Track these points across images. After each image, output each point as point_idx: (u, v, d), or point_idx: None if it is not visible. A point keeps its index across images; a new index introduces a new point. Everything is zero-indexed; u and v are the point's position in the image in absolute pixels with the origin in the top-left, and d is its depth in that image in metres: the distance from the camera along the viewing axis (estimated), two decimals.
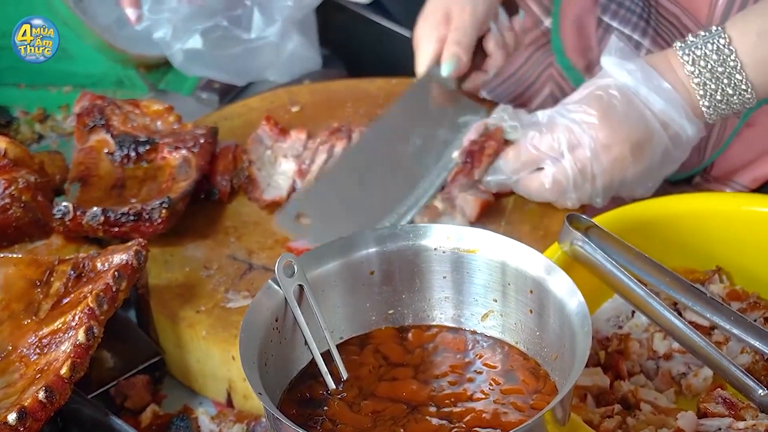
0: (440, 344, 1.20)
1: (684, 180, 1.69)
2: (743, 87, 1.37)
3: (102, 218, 1.43)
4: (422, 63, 1.63)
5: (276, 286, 1.14)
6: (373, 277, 1.20)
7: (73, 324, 1.25)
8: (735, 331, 1.28)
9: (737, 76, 1.37)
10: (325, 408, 1.13)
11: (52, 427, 1.27)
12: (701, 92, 1.39)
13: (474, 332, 1.21)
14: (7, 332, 1.29)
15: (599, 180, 1.44)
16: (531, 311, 1.16)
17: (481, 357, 1.18)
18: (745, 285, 1.40)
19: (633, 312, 1.37)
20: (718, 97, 1.38)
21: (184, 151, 1.54)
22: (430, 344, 1.20)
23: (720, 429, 1.18)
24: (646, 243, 1.33)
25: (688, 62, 1.38)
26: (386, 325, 1.22)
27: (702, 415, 1.21)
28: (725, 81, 1.37)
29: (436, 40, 1.62)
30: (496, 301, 1.19)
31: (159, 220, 1.44)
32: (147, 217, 1.44)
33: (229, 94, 1.94)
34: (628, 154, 1.42)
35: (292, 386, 1.15)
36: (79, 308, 1.26)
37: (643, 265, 1.30)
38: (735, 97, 1.38)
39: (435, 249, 1.19)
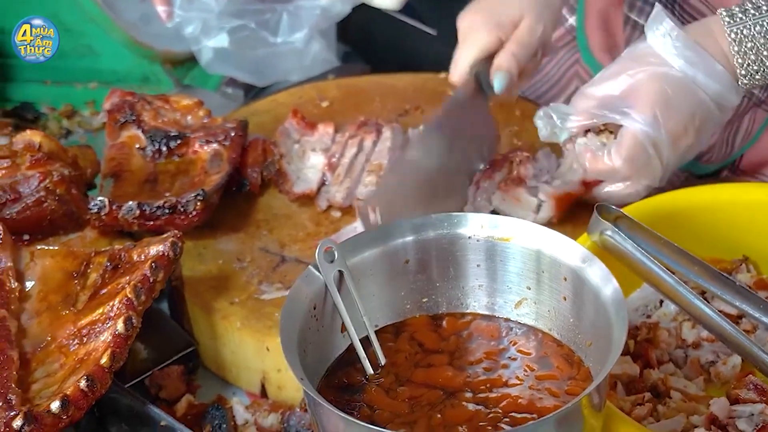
0: (474, 331, 1.21)
1: (712, 174, 1.70)
2: None
3: (138, 212, 1.45)
4: (470, 54, 1.54)
5: (316, 272, 1.15)
6: (409, 266, 1.21)
7: (112, 315, 1.27)
8: (765, 319, 1.29)
9: None
10: (363, 394, 1.14)
11: (89, 417, 1.28)
12: (743, 71, 1.39)
13: (507, 320, 1.22)
14: (46, 323, 1.31)
15: (670, 161, 1.44)
16: (565, 298, 1.17)
17: (515, 344, 1.19)
18: None
19: (661, 301, 1.39)
20: (758, 77, 1.40)
21: (215, 145, 1.56)
22: (465, 331, 1.21)
23: (752, 414, 1.20)
24: (673, 233, 1.34)
25: (735, 41, 1.38)
26: (420, 313, 1.23)
27: (734, 401, 1.22)
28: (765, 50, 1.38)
29: (494, 38, 1.54)
30: (529, 288, 1.20)
31: (194, 213, 1.46)
32: (182, 209, 1.45)
33: (253, 89, 1.96)
34: (693, 140, 1.44)
35: (329, 373, 1.17)
36: (117, 299, 1.28)
37: (672, 254, 1.31)
38: None
39: (469, 237, 1.20)
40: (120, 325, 1.25)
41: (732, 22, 1.38)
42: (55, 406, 1.17)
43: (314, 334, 1.15)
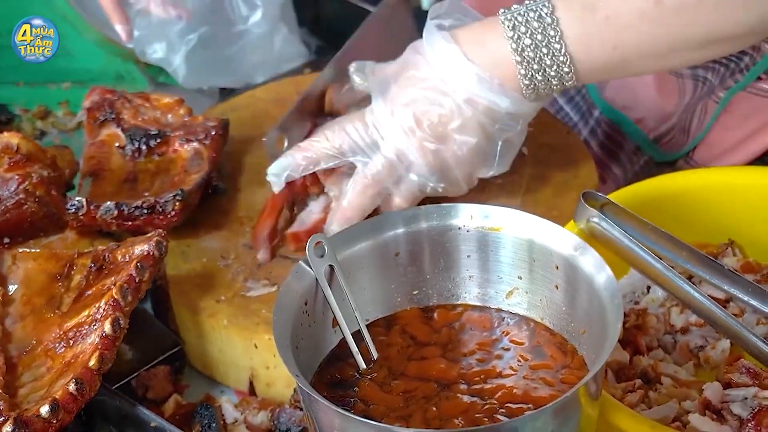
0: (466, 323, 1.20)
1: (668, 163, 1.70)
2: (561, 59, 1.32)
3: (116, 212, 1.43)
4: None
5: (306, 267, 1.14)
6: (399, 258, 1.20)
7: (98, 316, 1.26)
8: (753, 302, 1.29)
9: (555, 45, 1.31)
10: (356, 389, 1.13)
11: (76, 421, 1.26)
12: (518, 58, 1.33)
13: (499, 310, 1.21)
14: (30, 327, 1.29)
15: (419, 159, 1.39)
16: (557, 287, 1.17)
17: (507, 334, 1.19)
18: (757, 257, 1.42)
19: (648, 287, 1.39)
20: (535, 67, 1.33)
21: (195, 144, 1.55)
22: (456, 323, 1.20)
23: (746, 398, 1.20)
24: (659, 218, 1.34)
25: (508, 27, 1.33)
26: (411, 306, 1.22)
27: (726, 385, 1.23)
28: (544, 50, 1.32)
29: None
30: (521, 278, 1.20)
31: (172, 213, 1.44)
32: (160, 209, 1.44)
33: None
34: (429, 136, 1.38)
35: (321, 369, 1.16)
36: (103, 300, 1.27)
37: (659, 240, 1.31)
38: (553, 70, 1.33)
39: (460, 228, 1.20)
40: (107, 327, 1.24)
41: (507, 11, 1.34)
42: (44, 410, 1.16)
43: (306, 330, 1.14)
